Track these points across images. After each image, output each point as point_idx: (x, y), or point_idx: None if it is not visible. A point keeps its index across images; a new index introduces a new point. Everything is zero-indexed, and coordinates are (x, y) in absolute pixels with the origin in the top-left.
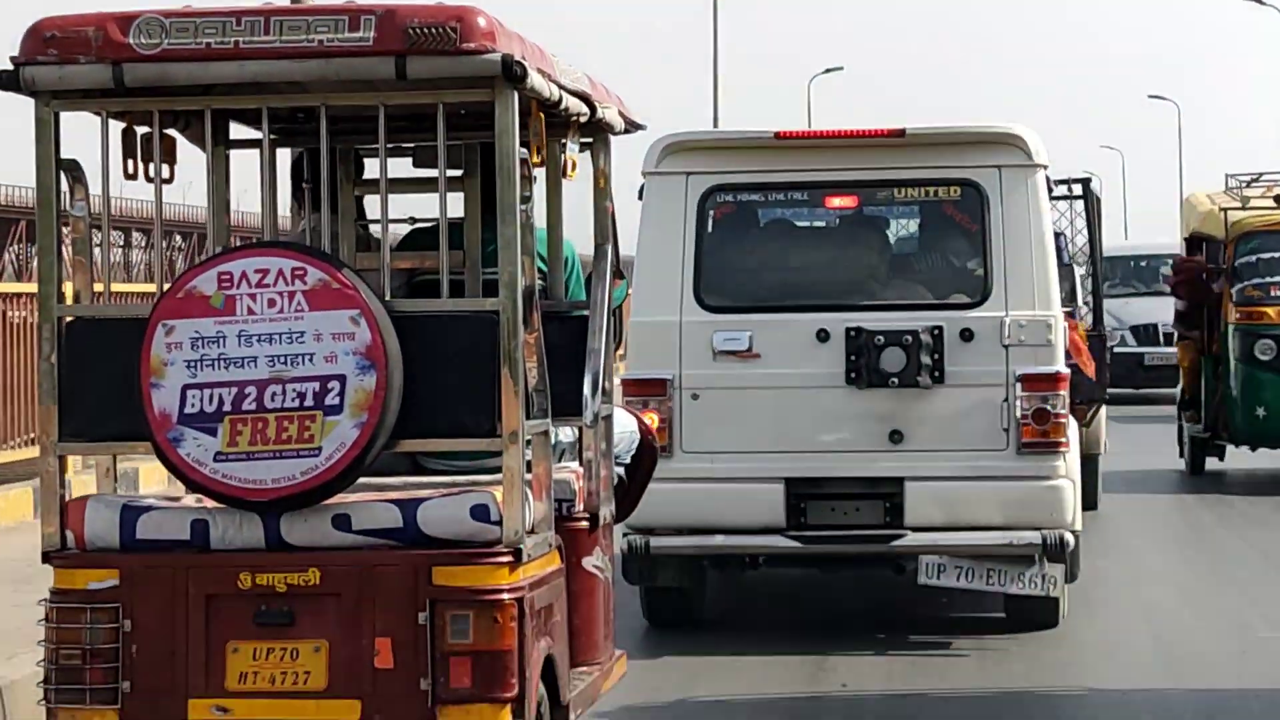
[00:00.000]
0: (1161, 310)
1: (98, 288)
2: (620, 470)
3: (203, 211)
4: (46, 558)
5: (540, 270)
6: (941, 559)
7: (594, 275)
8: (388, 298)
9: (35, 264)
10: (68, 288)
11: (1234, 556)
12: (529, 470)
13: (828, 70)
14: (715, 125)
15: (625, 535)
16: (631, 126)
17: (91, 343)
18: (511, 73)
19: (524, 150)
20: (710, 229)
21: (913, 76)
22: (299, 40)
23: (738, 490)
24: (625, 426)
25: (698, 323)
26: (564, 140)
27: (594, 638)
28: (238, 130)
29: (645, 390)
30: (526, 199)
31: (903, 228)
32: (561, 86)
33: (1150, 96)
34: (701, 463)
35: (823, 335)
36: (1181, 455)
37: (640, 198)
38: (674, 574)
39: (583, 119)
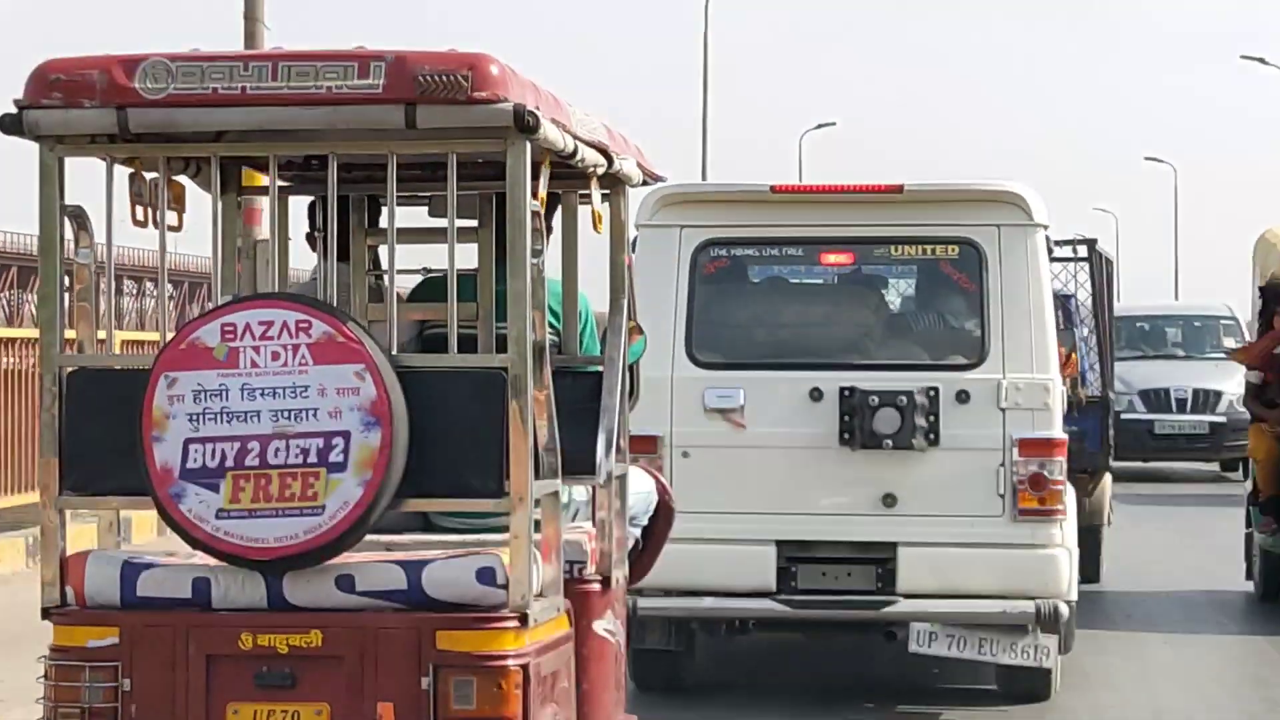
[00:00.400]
0: (1173, 374)
1: (100, 336)
2: (636, 531)
3: (193, 260)
4: (46, 614)
5: (553, 325)
6: (933, 627)
7: (609, 330)
8: (395, 351)
9: (34, 310)
10: (69, 337)
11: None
12: (537, 531)
13: (820, 125)
14: (704, 179)
15: None
16: (650, 178)
17: (94, 393)
18: (524, 123)
19: (536, 202)
20: (703, 283)
21: (905, 134)
22: (307, 87)
23: (727, 552)
24: (642, 487)
25: (689, 379)
26: (583, 192)
27: (604, 703)
28: (249, 177)
29: (635, 447)
30: (538, 252)
31: (899, 286)
32: (576, 137)
33: (1147, 159)
34: (691, 522)
35: (816, 394)
36: (1250, 575)
37: (632, 250)
38: (662, 636)
39: (599, 170)
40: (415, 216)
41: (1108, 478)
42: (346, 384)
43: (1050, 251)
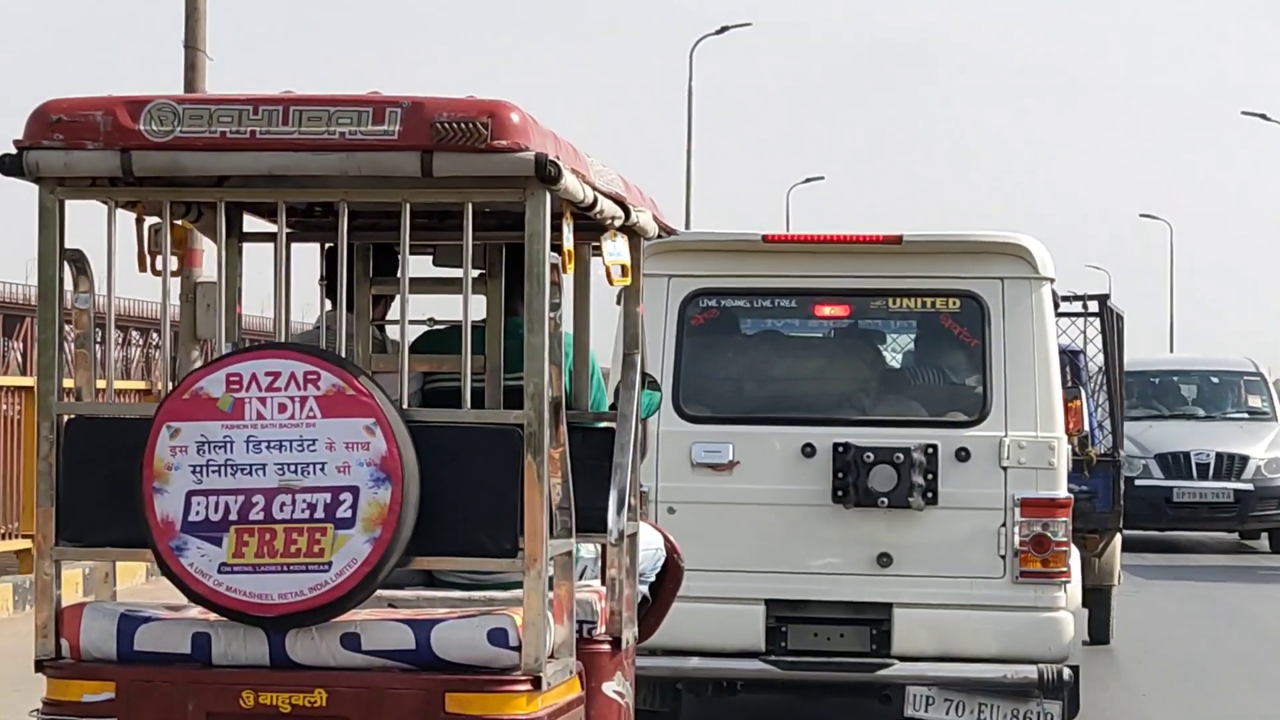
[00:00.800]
0: (1193, 437)
1: (99, 384)
2: (644, 588)
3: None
4: (40, 666)
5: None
6: (930, 690)
7: (622, 385)
8: (405, 405)
9: (20, 358)
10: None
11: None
12: (549, 590)
13: (808, 180)
14: (687, 228)
15: None
16: (665, 231)
17: (92, 443)
18: (545, 173)
19: (555, 255)
20: (691, 335)
21: (895, 189)
22: (319, 132)
23: (715, 611)
24: (650, 544)
25: (676, 433)
26: (595, 244)
27: None
28: (252, 223)
29: None
30: (555, 306)
31: (897, 339)
32: (595, 188)
33: (1142, 215)
34: None
35: (808, 450)
36: None
37: (619, 301)
38: (646, 696)
39: (617, 223)
40: (421, 266)
41: (1118, 538)
42: (356, 438)
43: (1056, 305)
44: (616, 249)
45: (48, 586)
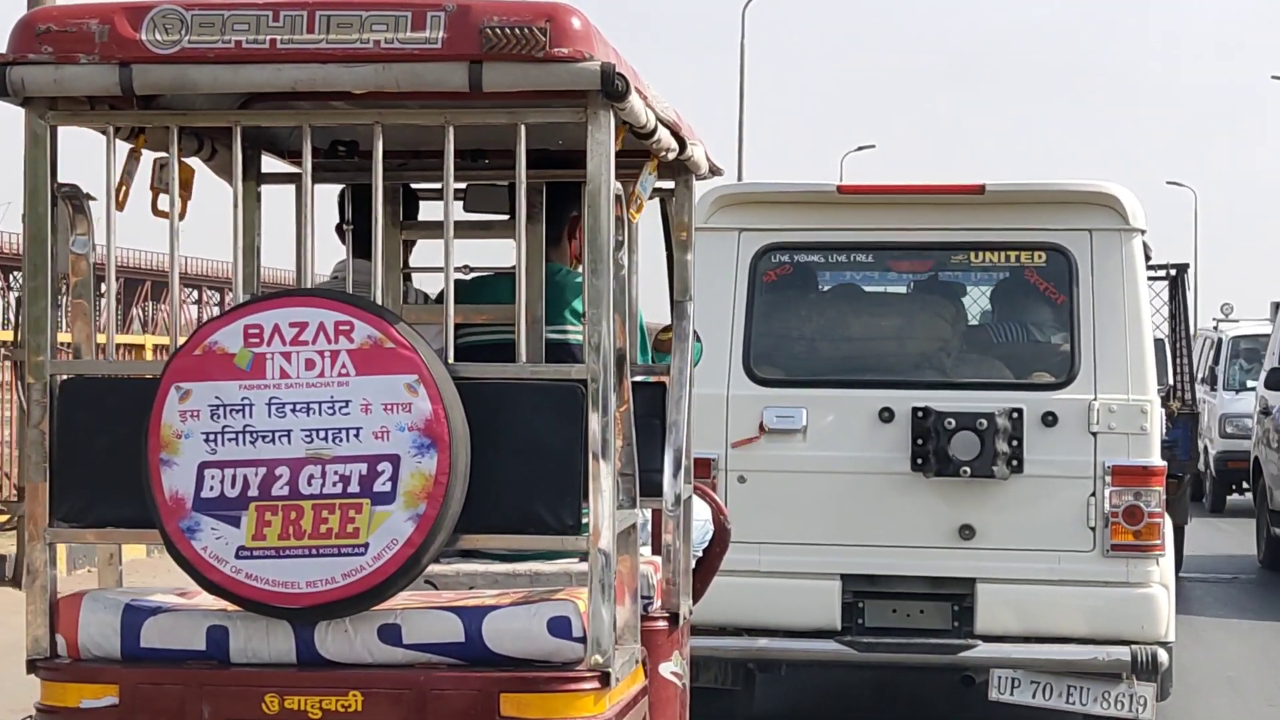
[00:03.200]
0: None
1: (99, 339)
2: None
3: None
4: (32, 667)
5: None
6: (1016, 673)
7: (675, 338)
8: (450, 360)
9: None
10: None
11: None
12: None
13: (860, 148)
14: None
15: None
16: (714, 171)
17: (91, 407)
18: (613, 87)
19: (619, 185)
20: (763, 292)
21: (944, 158)
22: (350, 41)
23: (788, 587)
24: (700, 514)
25: (747, 397)
26: (645, 175)
27: None
28: (270, 165)
29: None
30: (620, 244)
31: (979, 296)
32: (657, 114)
33: (1168, 183)
34: (748, 554)
35: (886, 415)
36: None
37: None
38: (717, 676)
39: (670, 155)
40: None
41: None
42: (396, 399)
43: (1149, 258)
44: (648, 181)
45: (41, 574)
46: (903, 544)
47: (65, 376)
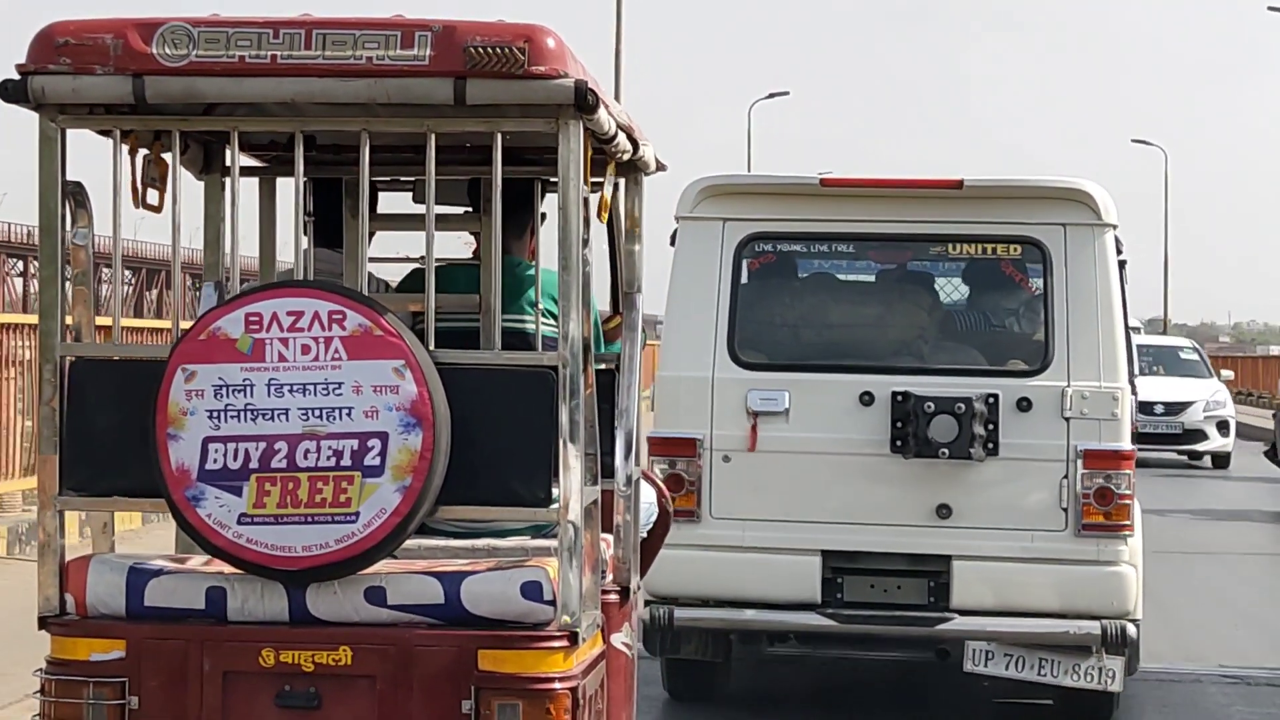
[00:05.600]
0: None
1: (102, 321)
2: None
3: (149, 246)
4: (43, 623)
5: (553, 317)
6: (990, 645)
7: (625, 327)
8: (432, 346)
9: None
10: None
11: None
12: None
13: (771, 95)
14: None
15: (648, 605)
16: (660, 167)
17: (99, 386)
18: (585, 101)
19: (587, 190)
20: (747, 279)
21: (867, 107)
22: (344, 57)
23: (770, 561)
24: (645, 497)
25: (731, 380)
26: (600, 180)
27: None
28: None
29: (673, 450)
30: (587, 242)
31: (956, 286)
32: (616, 121)
33: (1134, 141)
34: (731, 530)
35: (867, 399)
36: None
37: (673, 243)
38: (699, 647)
39: (626, 157)
40: (396, 202)
41: None
42: (384, 381)
43: (1120, 252)
44: (609, 184)
45: (51, 539)
46: (882, 522)
47: (73, 358)
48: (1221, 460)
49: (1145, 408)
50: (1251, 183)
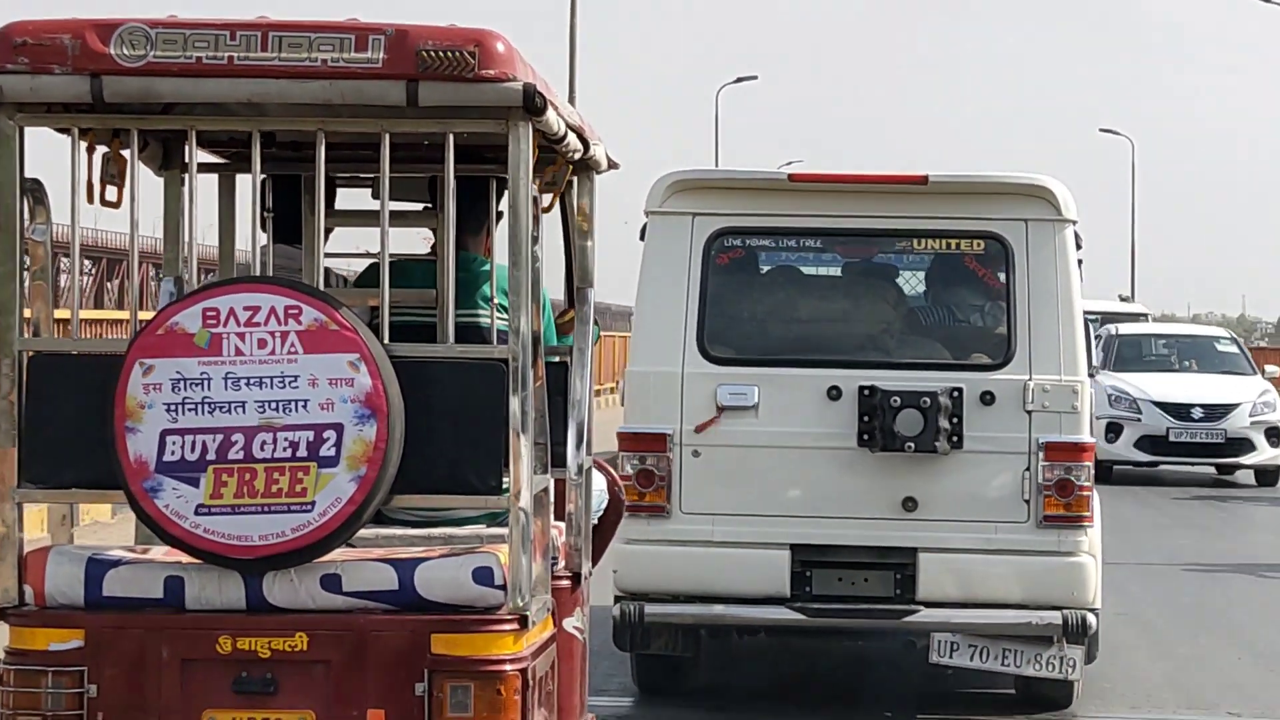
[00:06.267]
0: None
1: (61, 315)
2: None
3: (111, 235)
4: (2, 614)
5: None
6: (955, 637)
7: (577, 320)
8: (386, 340)
9: None
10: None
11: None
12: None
13: (740, 80)
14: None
15: (618, 601)
16: (611, 165)
17: (57, 379)
18: (533, 104)
19: (534, 188)
20: (716, 274)
21: (837, 92)
22: (300, 59)
23: (739, 556)
24: (597, 485)
25: (700, 375)
26: (550, 174)
27: (572, 704)
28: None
29: (643, 445)
30: (537, 239)
31: (921, 281)
32: (566, 122)
33: (1102, 130)
34: (701, 525)
35: (834, 393)
36: None
37: (642, 238)
38: (669, 642)
39: (576, 156)
40: (356, 199)
41: None
42: (340, 374)
43: (1080, 247)
44: (555, 178)
45: (10, 531)
46: (849, 515)
47: (32, 352)
48: (1269, 476)
49: (1179, 412)
50: (1215, 175)
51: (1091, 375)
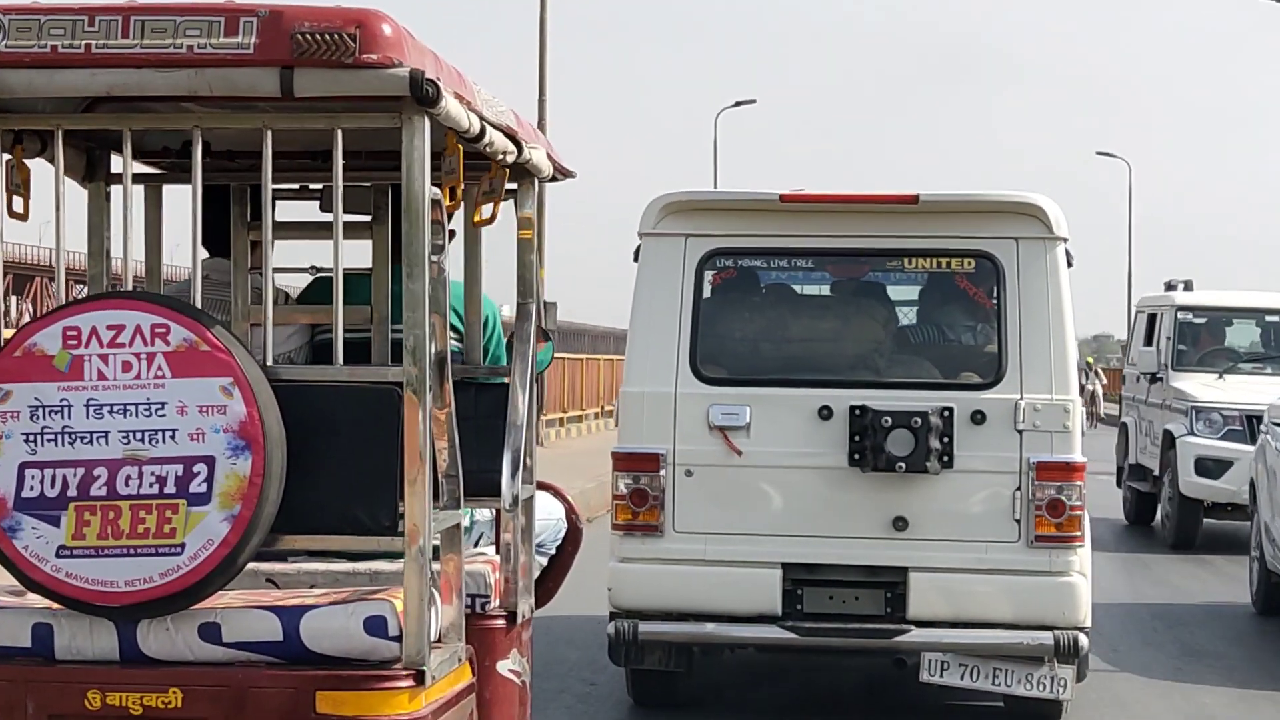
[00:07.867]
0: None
1: None
2: (543, 560)
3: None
4: None
5: (456, 330)
6: (946, 656)
7: (516, 339)
8: (269, 362)
9: None
10: None
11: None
12: (435, 560)
13: (739, 103)
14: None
15: (613, 618)
16: (561, 174)
17: None
18: (422, 92)
19: (436, 190)
20: (709, 295)
21: (835, 116)
22: (164, 46)
23: (731, 574)
24: (551, 514)
25: (693, 395)
26: (487, 182)
27: None
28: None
29: (636, 465)
30: (439, 248)
31: (912, 300)
32: (483, 118)
33: (1099, 153)
34: (694, 544)
35: (825, 413)
36: None
37: (636, 259)
38: (661, 658)
39: (508, 159)
40: (307, 210)
41: None
42: (211, 401)
43: (1070, 265)
44: (493, 185)
45: None
46: (840, 535)
47: None
48: None
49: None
50: (1210, 196)
51: (1158, 379)
